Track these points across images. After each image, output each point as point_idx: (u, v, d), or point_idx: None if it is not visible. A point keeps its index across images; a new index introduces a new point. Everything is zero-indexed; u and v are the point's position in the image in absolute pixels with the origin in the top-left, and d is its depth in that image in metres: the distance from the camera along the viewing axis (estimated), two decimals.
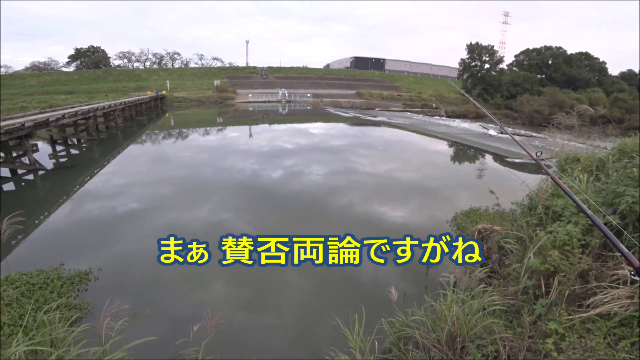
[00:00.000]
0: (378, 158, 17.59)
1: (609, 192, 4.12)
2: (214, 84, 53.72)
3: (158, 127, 29.22)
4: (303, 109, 46.40)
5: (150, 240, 7.75)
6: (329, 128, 30.17)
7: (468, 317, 3.38)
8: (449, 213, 9.02)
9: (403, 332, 3.70)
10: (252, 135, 24.73)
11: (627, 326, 2.70)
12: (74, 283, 5.72)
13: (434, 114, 49.64)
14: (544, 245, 3.86)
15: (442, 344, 3.33)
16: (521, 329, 3.23)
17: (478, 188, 11.83)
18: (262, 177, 13.11)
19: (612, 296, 2.95)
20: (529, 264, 3.77)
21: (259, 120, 35.17)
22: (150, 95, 41.19)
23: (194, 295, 5.77)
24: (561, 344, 2.81)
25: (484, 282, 4.27)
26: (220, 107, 45.75)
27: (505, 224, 6.06)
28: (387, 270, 6.61)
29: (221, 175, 13.35)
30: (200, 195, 10.86)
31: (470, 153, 21.57)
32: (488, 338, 3.19)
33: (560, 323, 3.02)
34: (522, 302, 3.68)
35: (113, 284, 5.86)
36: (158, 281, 6.10)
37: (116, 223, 8.67)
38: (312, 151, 18.51)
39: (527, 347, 3.00)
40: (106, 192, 11.17)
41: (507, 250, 4.86)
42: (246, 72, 66.76)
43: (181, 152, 18.43)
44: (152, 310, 5.17)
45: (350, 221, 9.02)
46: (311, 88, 58.07)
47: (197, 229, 8.35)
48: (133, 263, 6.74)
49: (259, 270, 6.57)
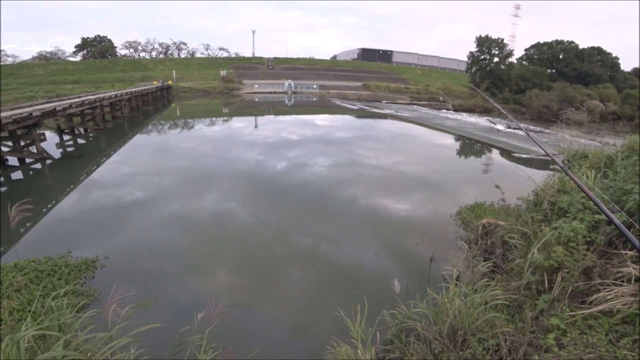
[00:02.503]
0: (383, 151, 17.52)
1: (617, 189, 4.08)
2: (220, 75, 53.56)
3: (164, 117, 29.32)
4: (309, 101, 46.21)
5: (156, 230, 7.86)
6: (335, 120, 30.05)
7: (470, 310, 3.40)
8: (453, 207, 8.99)
9: (405, 324, 3.73)
10: (257, 126, 24.72)
11: (629, 324, 2.70)
12: (81, 270, 5.83)
13: (441, 107, 49.14)
14: (549, 241, 3.84)
15: (444, 336, 3.35)
16: (523, 323, 3.24)
17: (484, 183, 11.77)
18: (267, 169, 13.14)
19: (616, 294, 2.94)
20: (532, 260, 3.77)
21: (265, 111, 35.12)
22: (157, 85, 41.21)
23: (198, 284, 5.85)
24: (562, 339, 2.82)
25: (487, 277, 4.27)
26: (226, 97, 45.72)
27: (510, 219, 6.03)
28: (390, 264, 6.65)
29: (226, 166, 13.40)
30: (205, 185, 10.93)
31: (477, 147, 21.40)
32: (489, 332, 3.20)
33: (562, 319, 3.02)
34: (524, 297, 3.68)
35: (119, 272, 5.96)
36: (163, 270, 6.19)
37: (122, 212, 8.78)
38: (317, 143, 18.48)
39: (528, 341, 3.01)
40: (113, 181, 11.28)
41: (511, 246, 4.85)
42: (252, 63, 66.45)
43: (187, 142, 18.51)
44: (158, 297, 5.26)
45: (354, 214, 9.04)
46: (317, 79, 57.69)
47: (201, 219, 8.43)
48: (139, 252, 6.84)
49: (262, 261, 6.66)
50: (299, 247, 7.34)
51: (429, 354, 3.19)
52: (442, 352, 3.24)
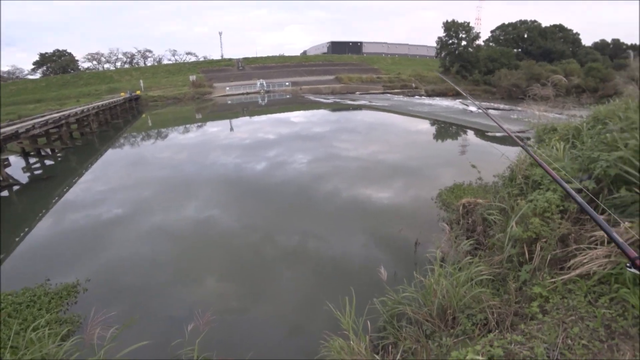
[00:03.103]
0: (361, 142, 17.64)
1: (584, 158, 4.24)
2: (190, 80, 52.50)
3: (135, 129, 28.50)
4: (282, 98, 45.92)
5: (139, 245, 7.66)
6: (310, 115, 30.00)
7: (457, 289, 3.48)
8: (433, 191, 9.17)
9: (395, 309, 3.79)
10: (232, 129, 24.40)
11: (605, 284, 2.82)
12: (62, 297, 5.61)
13: (414, 93, 49.81)
14: (525, 213, 3.97)
15: (434, 317, 3.42)
16: (508, 295, 3.34)
17: (461, 164, 12.03)
18: (247, 171, 13.01)
19: (591, 257, 3.06)
20: (512, 233, 3.88)
21: (239, 113, 34.70)
22: (124, 97, 40.00)
23: (188, 295, 5.74)
24: (546, 305, 2.92)
25: (470, 254, 4.38)
26: (198, 102, 44.85)
27: (488, 196, 6.19)
28: (377, 253, 6.72)
29: (205, 172, 13.18)
30: (185, 194, 10.72)
31: (452, 130, 21.84)
32: (477, 307, 3.28)
33: (544, 286, 3.13)
34: (507, 270, 3.79)
35: (103, 293, 5.78)
36: (150, 285, 6.05)
37: (101, 231, 8.50)
38: (294, 140, 18.43)
39: (514, 312, 3.11)
40: (88, 201, 10.90)
41: (490, 222, 4.98)
42: (222, 65, 65.37)
43: (162, 152, 18.09)
44: (146, 314, 5.13)
45: (338, 207, 9.08)
46: (289, 76, 57.35)
47: (184, 229, 8.27)
48: (122, 270, 6.65)
49: (251, 264, 6.61)
50: (287, 246, 7.31)
51: (422, 336, 3.25)
52: (433, 332, 3.31)
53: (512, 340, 2.48)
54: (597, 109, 5.72)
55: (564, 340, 2.38)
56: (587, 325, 2.45)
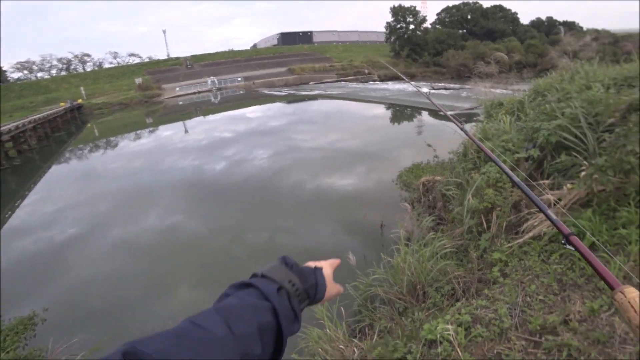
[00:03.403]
0: (319, 132, 17.70)
1: (529, 129, 4.54)
2: (136, 83, 49.57)
3: (82, 140, 26.60)
4: (236, 95, 44.80)
5: (100, 263, 7.23)
6: (266, 110, 29.57)
7: (423, 264, 3.63)
8: (394, 173, 9.42)
9: (368, 292, 3.89)
10: (187, 130, 23.49)
11: (555, 242, 3.06)
12: (18, 332, 5.17)
13: (367, 79, 50.45)
14: (480, 185, 4.19)
15: (405, 294, 3.55)
16: (471, 264, 3.54)
17: (418, 144, 12.43)
18: (206, 172, 12.65)
19: (540, 219, 3.31)
20: (469, 205, 4.09)
21: (192, 114, 33.43)
22: (65, 107, 37.06)
23: (158, 308, 5.53)
24: (505, 269, 3.13)
25: (433, 230, 4.57)
26: (147, 106, 42.55)
27: (446, 173, 6.47)
28: (346, 239, 6.83)
29: (162, 178, 12.63)
30: (144, 203, 10.24)
31: (407, 112, 22.47)
32: (444, 279, 3.45)
33: (503, 252, 3.34)
34: (468, 241, 4.01)
35: (65, 321, 5.41)
36: (116, 304, 5.74)
37: (56, 254, 7.90)
38: (252, 136, 18.13)
39: (478, 278, 3.30)
40: (36, 224, 10.05)
41: (449, 197, 5.22)
42: (169, 65, 62.28)
43: (113, 162, 17.08)
44: (118, 333, 4.87)
45: (303, 199, 9.10)
46: (241, 71, 55.92)
47: (148, 240, 7.92)
48: (84, 292, 6.25)
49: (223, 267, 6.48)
50: (257, 243, 7.23)
51: (395, 314, 3.37)
52: (406, 308, 3.44)
53: (478, 306, 2.64)
54: (536, 82, 6.12)
55: (524, 298, 2.57)
56: (542, 282, 2.66)
